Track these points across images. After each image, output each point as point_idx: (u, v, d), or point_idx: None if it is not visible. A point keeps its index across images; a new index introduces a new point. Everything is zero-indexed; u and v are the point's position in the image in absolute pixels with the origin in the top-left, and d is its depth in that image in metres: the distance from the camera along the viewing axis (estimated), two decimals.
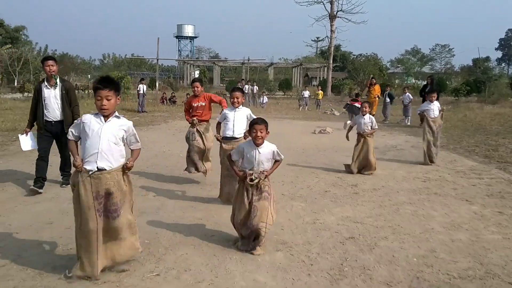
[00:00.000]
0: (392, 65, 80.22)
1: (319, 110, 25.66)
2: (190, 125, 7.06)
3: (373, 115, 18.77)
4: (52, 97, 6.49)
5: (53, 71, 6.39)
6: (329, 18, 41.66)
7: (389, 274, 3.99)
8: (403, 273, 4.02)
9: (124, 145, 3.84)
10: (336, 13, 41.41)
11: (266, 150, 4.40)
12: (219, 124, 6.19)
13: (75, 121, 3.81)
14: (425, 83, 17.40)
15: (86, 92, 33.09)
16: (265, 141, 4.38)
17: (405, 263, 4.25)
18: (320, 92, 27.60)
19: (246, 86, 28.42)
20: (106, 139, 3.62)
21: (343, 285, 3.76)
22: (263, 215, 4.22)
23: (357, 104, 18.65)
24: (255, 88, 29.16)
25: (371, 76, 22.94)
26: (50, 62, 6.40)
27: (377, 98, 19.42)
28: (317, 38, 74.12)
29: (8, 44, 50.84)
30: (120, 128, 3.76)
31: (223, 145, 6.01)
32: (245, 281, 3.82)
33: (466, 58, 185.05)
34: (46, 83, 6.49)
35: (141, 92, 22.07)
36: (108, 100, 3.64)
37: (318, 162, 9.29)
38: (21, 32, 62.90)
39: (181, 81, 59.30)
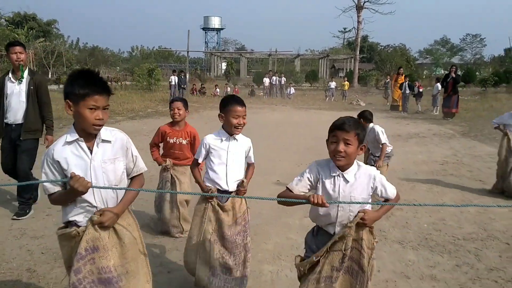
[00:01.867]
0: (420, 55, 79.21)
1: (345, 100, 26.13)
2: (161, 168, 4.71)
3: (400, 106, 19.19)
4: (16, 94, 4.98)
5: (21, 60, 4.96)
6: (356, 9, 41.79)
7: (402, 236, 4.69)
8: (414, 235, 4.71)
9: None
10: (363, 4, 41.50)
11: (359, 175, 2.42)
12: (196, 164, 3.37)
13: (46, 162, 2.24)
14: (447, 72, 17.45)
15: (119, 83, 34.38)
16: (356, 162, 2.46)
17: (416, 228, 4.93)
18: (346, 83, 28.06)
19: (274, 78, 29.10)
20: (103, 183, 2.26)
21: None
22: None
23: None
24: (283, 79, 29.76)
25: (399, 67, 23.19)
26: (18, 48, 4.96)
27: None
28: (344, 29, 73.97)
29: (41, 38, 52.89)
30: (116, 157, 2.33)
31: (217, 208, 3.18)
32: (279, 238, 4.59)
33: (498, 48, 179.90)
34: (10, 76, 5.04)
35: (173, 83, 23.08)
36: (105, 109, 2.24)
37: None
38: (52, 26, 65.08)
39: (208, 73, 60.33)
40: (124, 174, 2.38)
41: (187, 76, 31.99)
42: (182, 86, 23.66)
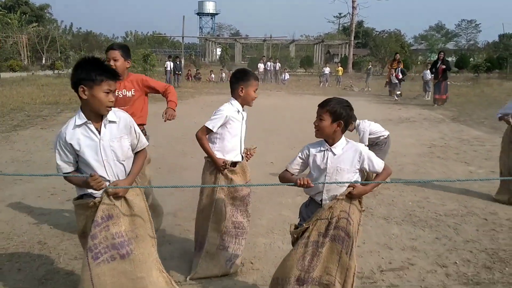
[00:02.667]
0: (415, 41, 79.22)
1: (339, 86, 26.38)
2: None
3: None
4: None
5: None
6: None
7: (387, 212, 5.01)
8: (398, 212, 5.03)
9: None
10: None
11: (347, 149, 2.69)
12: (207, 132, 3.31)
13: (58, 144, 2.48)
14: (435, 59, 17.38)
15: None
16: (345, 138, 2.73)
17: (401, 205, 5.25)
18: (340, 68, 28.30)
19: (268, 63, 29.23)
20: (112, 159, 2.54)
21: None
22: (331, 265, 2.63)
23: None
24: (278, 65, 29.90)
25: (396, 53, 23.42)
26: None
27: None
28: (339, 14, 73.90)
29: (34, 23, 52.45)
30: (121, 135, 2.58)
31: (229, 175, 3.36)
32: (272, 215, 4.90)
33: (493, 34, 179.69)
34: None
35: (168, 69, 23.24)
36: (114, 93, 2.53)
37: None
38: (45, 11, 64.56)
39: (203, 59, 60.19)
40: (129, 150, 2.64)
41: (182, 62, 32.04)
42: (177, 72, 23.80)
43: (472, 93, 19.83)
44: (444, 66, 15.67)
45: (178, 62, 24.59)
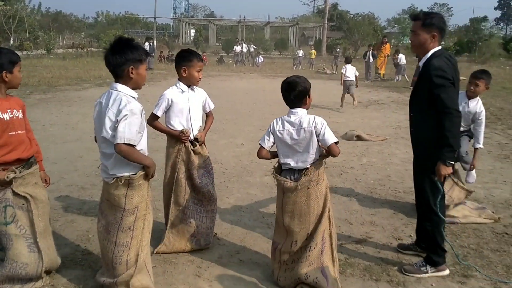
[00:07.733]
0: (389, 24, 79.92)
1: (312, 69, 26.59)
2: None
3: (382, 74, 19.80)
4: None
5: None
6: None
7: (350, 190, 5.25)
8: (361, 189, 5.28)
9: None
10: None
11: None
12: (155, 118, 3.47)
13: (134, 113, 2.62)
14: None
15: (85, 50, 33.68)
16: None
17: (364, 183, 5.50)
18: (313, 51, 28.49)
19: (244, 45, 29.19)
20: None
21: None
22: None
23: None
24: (252, 47, 29.91)
25: (384, 35, 23.89)
26: None
27: (386, 58, 20.40)
28: None
29: (1, 1, 50.50)
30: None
31: (185, 145, 3.47)
32: (240, 193, 5.07)
33: (464, 18, 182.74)
34: None
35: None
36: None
37: None
38: None
39: (176, 40, 59.40)
40: None
41: (155, 43, 31.65)
42: (150, 54, 23.52)
43: None
44: None
45: (150, 44, 24.28)
